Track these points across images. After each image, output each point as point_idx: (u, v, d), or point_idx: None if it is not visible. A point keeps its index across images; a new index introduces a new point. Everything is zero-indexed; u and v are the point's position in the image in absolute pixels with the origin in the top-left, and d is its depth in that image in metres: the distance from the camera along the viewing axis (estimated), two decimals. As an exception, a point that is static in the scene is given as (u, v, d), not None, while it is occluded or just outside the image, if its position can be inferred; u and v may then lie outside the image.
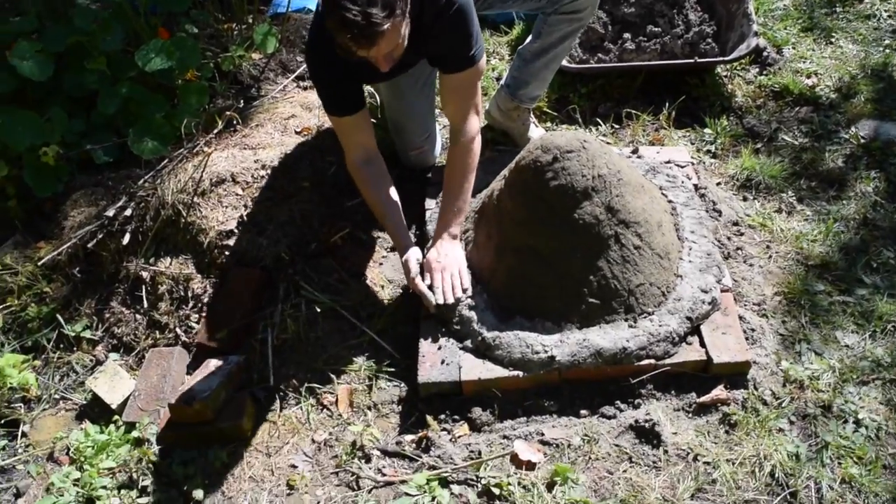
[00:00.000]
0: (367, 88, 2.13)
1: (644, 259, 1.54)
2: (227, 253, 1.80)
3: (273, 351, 1.66)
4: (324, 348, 1.67)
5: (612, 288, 1.52)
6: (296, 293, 1.75)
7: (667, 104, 2.26)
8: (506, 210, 1.58)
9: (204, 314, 1.75)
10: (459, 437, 1.46)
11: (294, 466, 1.49)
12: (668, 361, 1.48)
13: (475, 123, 1.64)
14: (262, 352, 1.67)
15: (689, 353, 1.50)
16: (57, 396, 1.71)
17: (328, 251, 1.83)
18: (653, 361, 1.48)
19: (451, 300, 1.56)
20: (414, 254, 1.63)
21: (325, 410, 1.57)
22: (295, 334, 1.69)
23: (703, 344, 1.52)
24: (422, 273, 1.63)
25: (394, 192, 1.68)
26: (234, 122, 2.03)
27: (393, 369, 1.62)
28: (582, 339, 1.49)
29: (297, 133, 2.09)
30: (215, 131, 2.01)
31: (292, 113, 2.16)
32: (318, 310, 1.71)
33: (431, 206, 1.89)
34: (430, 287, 1.60)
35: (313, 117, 2.17)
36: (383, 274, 1.83)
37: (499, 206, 1.61)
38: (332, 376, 1.62)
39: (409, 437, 1.49)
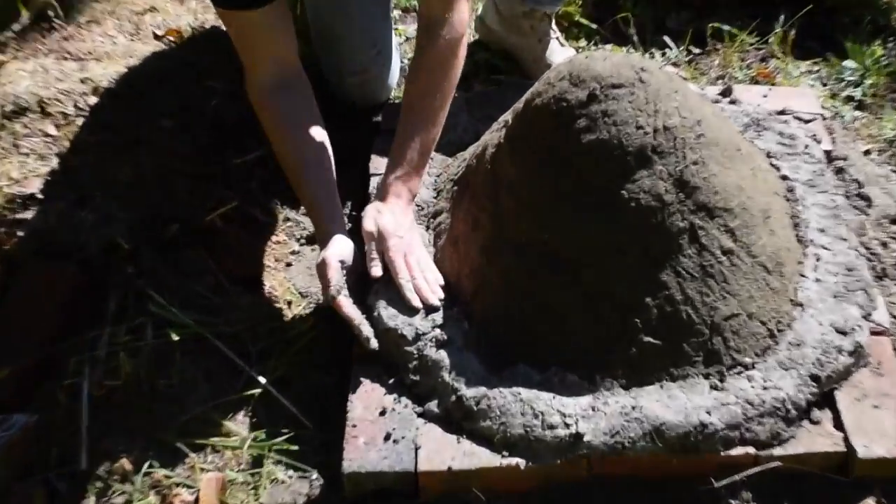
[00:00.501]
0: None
1: (738, 272, 1.52)
2: (20, 234, 1.77)
3: (90, 408, 1.62)
4: (181, 406, 1.64)
5: (684, 320, 1.49)
6: (138, 309, 1.74)
7: (782, 18, 2.24)
8: (505, 180, 1.58)
9: (-29, 340, 1.71)
10: (411, 572, 1.46)
11: None
12: (778, 452, 1.46)
13: (463, 14, 1.68)
14: (70, 409, 1.63)
15: (816, 438, 1.48)
16: None
17: (199, 239, 1.83)
18: (752, 451, 1.46)
19: (435, 301, 1.62)
20: (339, 249, 1.63)
21: (176, 517, 1.56)
22: (132, 380, 1.65)
23: (839, 424, 1.49)
24: (354, 274, 1.64)
25: (321, 138, 1.71)
26: (51, 14, 2.05)
27: (299, 447, 1.59)
28: (629, 405, 1.47)
29: (156, 38, 2.14)
30: (16, 27, 2.00)
31: (150, 4, 2.18)
32: (176, 338, 1.69)
33: (381, 167, 1.86)
34: (389, 277, 1.63)
35: (186, 13, 2.15)
36: (292, 282, 1.83)
37: (493, 174, 1.61)
38: (193, 456, 1.58)
39: (321, 572, 1.49)
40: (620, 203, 1.46)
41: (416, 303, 1.60)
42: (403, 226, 1.66)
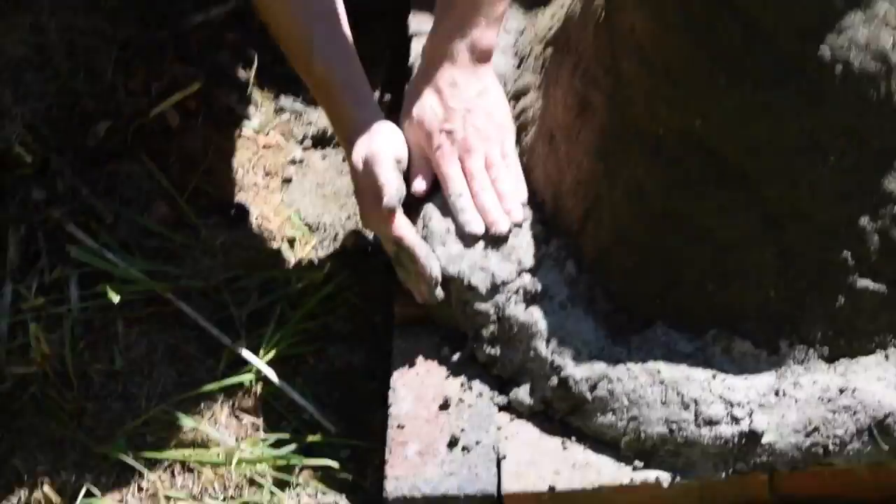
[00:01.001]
0: None
1: None
2: None
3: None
4: (130, 404, 1.68)
5: None
6: (53, 255, 1.79)
7: None
8: (630, 37, 1.55)
9: None
10: None
11: None
12: None
13: None
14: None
15: None
16: None
17: (144, 143, 1.89)
18: None
19: (504, 226, 1.63)
20: (391, 142, 1.65)
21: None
22: (52, 366, 1.69)
23: None
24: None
25: None
26: None
27: (316, 462, 1.63)
28: (835, 387, 1.47)
29: None
30: None
31: None
32: (116, 299, 1.72)
33: (427, 28, 1.86)
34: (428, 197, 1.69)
35: None
36: (293, 207, 1.90)
37: (610, 28, 1.59)
38: (152, 478, 1.62)
39: None
40: (817, 68, 1.42)
41: (476, 226, 1.61)
42: (459, 108, 1.67)
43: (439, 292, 1.60)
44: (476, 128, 1.67)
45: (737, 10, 1.44)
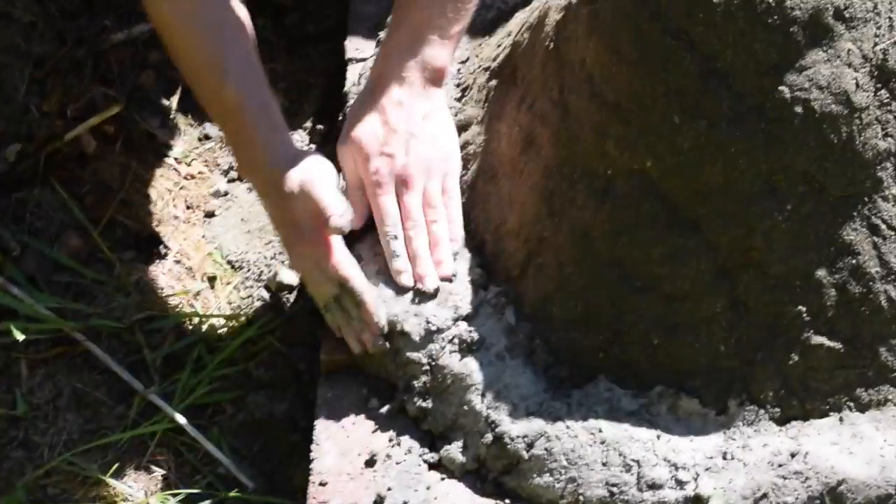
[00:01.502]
0: None
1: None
2: None
3: None
4: (31, 452, 1.68)
5: (881, 307, 1.52)
6: None
7: None
8: (580, 70, 1.56)
9: None
10: None
11: None
12: None
13: None
14: None
15: None
16: None
17: (57, 169, 1.90)
18: None
19: (433, 282, 1.63)
20: (323, 167, 1.62)
21: None
22: None
23: None
24: None
25: (239, 11, 1.70)
26: None
27: None
28: (786, 450, 1.49)
29: None
30: None
31: None
32: (20, 338, 1.73)
33: (364, 50, 1.91)
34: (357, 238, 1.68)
35: None
36: (215, 243, 1.92)
37: (559, 60, 1.60)
38: None
39: None
40: (777, 108, 1.43)
41: (406, 279, 1.62)
42: (402, 130, 1.67)
43: (383, 342, 1.60)
44: (418, 156, 1.67)
45: (693, 45, 1.45)
